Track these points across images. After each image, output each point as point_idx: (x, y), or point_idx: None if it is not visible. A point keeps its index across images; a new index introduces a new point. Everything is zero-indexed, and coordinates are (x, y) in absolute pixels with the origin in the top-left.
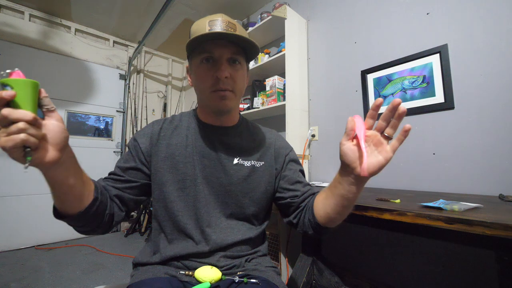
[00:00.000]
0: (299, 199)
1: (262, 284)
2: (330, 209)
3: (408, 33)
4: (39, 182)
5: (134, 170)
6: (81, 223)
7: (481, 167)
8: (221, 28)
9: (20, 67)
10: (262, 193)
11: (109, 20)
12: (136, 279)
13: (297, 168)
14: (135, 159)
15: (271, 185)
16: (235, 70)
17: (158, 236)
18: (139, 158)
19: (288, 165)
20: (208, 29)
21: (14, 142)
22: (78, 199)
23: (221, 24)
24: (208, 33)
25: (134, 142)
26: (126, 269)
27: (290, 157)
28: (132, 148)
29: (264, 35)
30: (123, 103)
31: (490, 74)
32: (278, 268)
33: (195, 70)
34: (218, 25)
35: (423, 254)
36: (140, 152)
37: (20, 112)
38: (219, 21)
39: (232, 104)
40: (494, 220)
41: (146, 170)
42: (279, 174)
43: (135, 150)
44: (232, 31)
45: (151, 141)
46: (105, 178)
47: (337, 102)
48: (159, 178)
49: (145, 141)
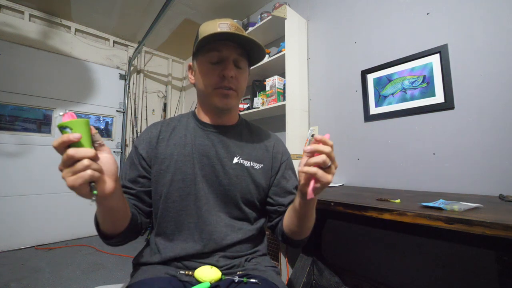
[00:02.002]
0: (285, 208)
1: (262, 283)
2: (290, 221)
3: (408, 33)
4: (39, 182)
5: (141, 178)
6: (125, 239)
7: (481, 167)
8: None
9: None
10: (260, 194)
11: (109, 20)
12: (136, 279)
13: (291, 177)
14: (138, 167)
15: (267, 188)
16: (239, 71)
17: (158, 236)
18: (142, 165)
19: (284, 173)
20: (219, 30)
21: (83, 179)
22: (124, 219)
23: (230, 27)
24: (222, 32)
25: (135, 150)
26: (126, 269)
27: (286, 164)
28: (134, 156)
29: (264, 35)
30: (123, 103)
31: (490, 74)
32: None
33: (201, 67)
34: (227, 28)
35: (423, 254)
36: (142, 159)
37: (84, 150)
38: (228, 24)
39: (234, 103)
40: (494, 220)
41: (149, 175)
42: (273, 178)
43: (137, 158)
44: (244, 35)
45: (150, 145)
46: None
47: (337, 102)
48: (159, 179)
49: (144, 146)
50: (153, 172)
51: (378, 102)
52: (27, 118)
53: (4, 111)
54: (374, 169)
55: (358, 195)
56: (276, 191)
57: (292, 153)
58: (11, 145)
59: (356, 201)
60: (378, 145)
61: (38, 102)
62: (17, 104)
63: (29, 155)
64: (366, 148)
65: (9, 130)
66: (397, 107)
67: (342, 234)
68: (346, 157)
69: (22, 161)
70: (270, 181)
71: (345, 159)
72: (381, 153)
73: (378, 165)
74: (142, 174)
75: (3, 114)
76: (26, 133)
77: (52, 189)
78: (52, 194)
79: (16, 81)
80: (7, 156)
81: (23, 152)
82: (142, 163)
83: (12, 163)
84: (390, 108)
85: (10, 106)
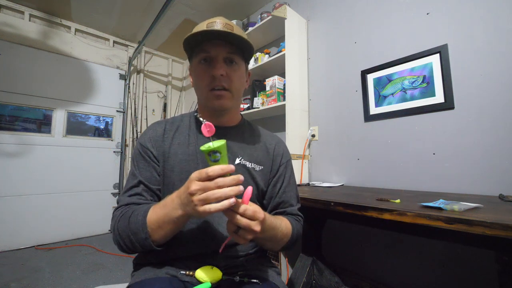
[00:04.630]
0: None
1: (262, 284)
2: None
3: (408, 33)
4: (39, 182)
5: (157, 175)
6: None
7: (481, 167)
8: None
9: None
10: (260, 195)
11: (109, 20)
12: (137, 279)
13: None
14: (150, 163)
15: (265, 190)
16: (232, 70)
17: None
18: (153, 160)
19: (279, 176)
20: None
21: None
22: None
23: (219, 25)
24: (202, 31)
25: (143, 148)
26: (126, 269)
27: (285, 167)
28: (144, 153)
29: (264, 35)
30: (123, 103)
31: (490, 74)
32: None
33: (194, 70)
34: (216, 26)
35: (423, 254)
36: (152, 156)
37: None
38: (217, 22)
39: (229, 103)
40: (494, 220)
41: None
42: (271, 180)
43: (147, 155)
44: (226, 30)
45: (157, 142)
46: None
47: (337, 102)
48: (164, 178)
49: (153, 144)
50: (159, 170)
51: (378, 102)
52: (27, 118)
53: (4, 111)
54: (374, 169)
55: (358, 195)
56: (271, 195)
57: (292, 153)
58: (11, 145)
59: (356, 201)
60: (378, 145)
61: (38, 102)
62: (17, 104)
63: (29, 155)
64: (366, 148)
65: (9, 130)
66: (397, 107)
67: (342, 234)
68: (346, 157)
69: (22, 161)
70: (267, 184)
71: (345, 159)
72: (381, 153)
73: (378, 165)
74: (157, 170)
75: (3, 114)
76: (26, 133)
77: (52, 189)
78: (52, 194)
79: (16, 81)
80: (7, 156)
81: (23, 152)
82: (153, 159)
83: (12, 163)
84: (390, 108)
85: (10, 106)
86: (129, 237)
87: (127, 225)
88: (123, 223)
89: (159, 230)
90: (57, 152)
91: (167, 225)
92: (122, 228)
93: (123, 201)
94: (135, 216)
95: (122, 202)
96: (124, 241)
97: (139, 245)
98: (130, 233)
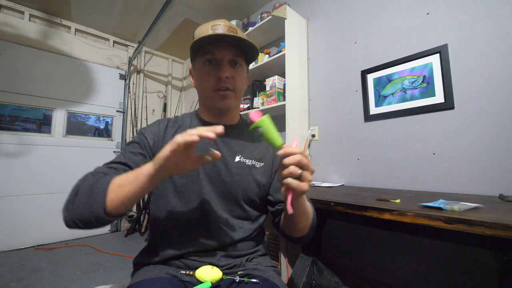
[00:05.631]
0: (284, 205)
1: (262, 283)
2: (285, 220)
3: (408, 33)
4: (39, 182)
5: (142, 157)
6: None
7: (481, 167)
8: (223, 32)
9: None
10: (261, 192)
11: (109, 20)
12: (137, 279)
13: None
14: (143, 149)
15: (268, 186)
16: (236, 71)
17: (159, 235)
18: (146, 150)
19: None
20: (211, 33)
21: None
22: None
23: (223, 28)
24: (212, 35)
25: (141, 136)
26: (126, 269)
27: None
28: (140, 141)
29: (264, 35)
30: (123, 103)
31: (490, 74)
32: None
33: (199, 71)
34: (220, 29)
35: (423, 254)
36: (148, 146)
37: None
38: (221, 25)
39: (233, 103)
40: (494, 220)
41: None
42: (274, 175)
43: (143, 143)
44: (234, 34)
45: (157, 138)
46: (111, 166)
47: (337, 102)
48: None
49: (153, 137)
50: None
51: (378, 102)
52: (27, 118)
53: (4, 111)
54: (374, 169)
55: (358, 195)
56: (275, 188)
57: None
58: (11, 145)
59: (356, 201)
60: (378, 145)
61: (38, 102)
62: (17, 104)
63: (29, 155)
64: (366, 148)
65: (9, 130)
66: (397, 107)
67: (342, 234)
68: (346, 157)
69: (22, 161)
70: (270, 179)
71: (345, 159)
72: (381, 153)
73: (378, 165)
74: (145, 154)
75: (3, 114)
76: (26, 133)
77: (52, 189)
78: (52, 194)
79: (16, 81)
80: (7, 156)
81: (23, 152)
82: (147, 148)
83: (12, 163)
84: (390, 108)
85: (10, 106)
86: (86, 196)
87: (92, 183)
88: (89, 181)
89: (118, 189)
90: (57, 152)
91: (129, 185)
92: (85, 186)
93: (100, 169)
94: (106, 178)
95: (98, 169)
96: (75, 203)
97: (89, 205)
98: (89, 191)
